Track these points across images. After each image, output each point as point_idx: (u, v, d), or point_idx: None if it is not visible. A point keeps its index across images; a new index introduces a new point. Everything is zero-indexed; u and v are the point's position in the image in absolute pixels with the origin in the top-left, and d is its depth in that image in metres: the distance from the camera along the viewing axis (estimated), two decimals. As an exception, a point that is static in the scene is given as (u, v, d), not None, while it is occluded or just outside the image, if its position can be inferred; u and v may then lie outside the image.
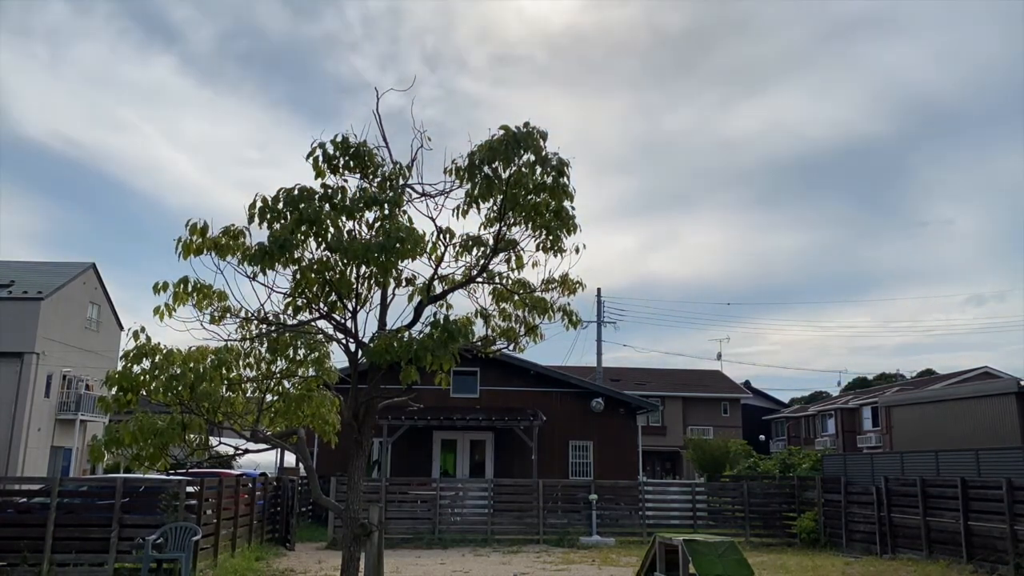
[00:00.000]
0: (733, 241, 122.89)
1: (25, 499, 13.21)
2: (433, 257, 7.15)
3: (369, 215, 6.77)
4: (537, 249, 7.14)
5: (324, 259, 6.69)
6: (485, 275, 7.36)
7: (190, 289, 6.60)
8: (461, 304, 7.50)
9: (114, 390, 6.49)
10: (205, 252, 6.53)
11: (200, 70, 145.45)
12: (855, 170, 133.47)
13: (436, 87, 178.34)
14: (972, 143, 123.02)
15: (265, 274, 6.62)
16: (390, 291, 7.24)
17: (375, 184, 6.98)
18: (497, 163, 6.71)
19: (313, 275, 6.69)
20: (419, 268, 7.27)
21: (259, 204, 6.43)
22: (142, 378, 6.49)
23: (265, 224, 6.43)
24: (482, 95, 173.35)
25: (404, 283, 7.26)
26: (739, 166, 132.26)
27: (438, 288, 7.30)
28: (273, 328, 7.07)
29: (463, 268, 7.34)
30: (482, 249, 7.16)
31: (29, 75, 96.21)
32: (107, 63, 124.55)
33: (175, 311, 6.56)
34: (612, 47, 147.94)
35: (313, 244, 6.61)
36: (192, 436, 6.84)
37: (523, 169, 6.76)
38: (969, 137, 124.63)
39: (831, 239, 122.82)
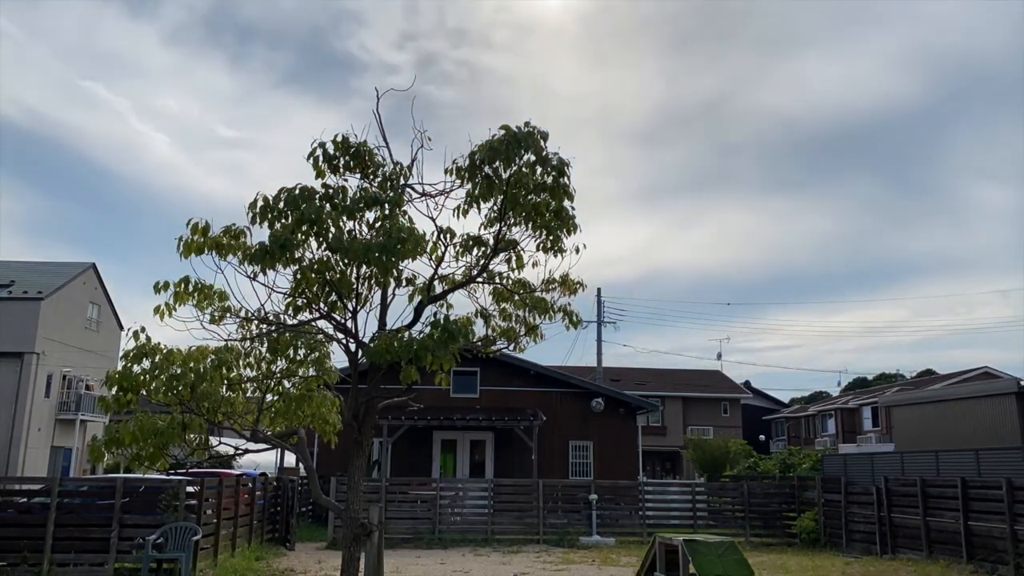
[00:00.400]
0: (751, 227, 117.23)
1: (25, 499, 13.20)
2: (433, 257, 7.15)
3: (369, 215, 6.78)
4: (537, 249, 7.15)
5: (324, 259, 6.70)
6: (485, 275, 7.36)
7: (191, 289, 6.60)
8: (461, 304, 7.51)
9: (114, 390, 6.49)
10: (206, 252, 6.53)
11: (193, 40, 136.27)
12: (885, 145, 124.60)
13: (459, 64, 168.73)
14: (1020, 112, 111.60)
15: (265, 274, 6.63)
16: (390, 291, 7.24)
17: (375, 184, 6.99)
18: (498, 163, 6.72)
19: (313, 275, 6.69)
20: (419, 268, 7.28)
21: (260, 204, 6.44)
22: (142, 378, 6.49)
23: (266, 224, 6.43)
24: (506, 70, 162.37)
25: (404, 283, 7.26)
26: (763, 141, 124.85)
27: (438, 288, 7.30)
28: (273, 328, 7.07)
29: (463, 268, 7.34)
30: (482, 249, 7.16)
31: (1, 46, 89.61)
32: (88, 33, 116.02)
33: (175, 311, 6.56)
34: (643, 15, 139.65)
35: (314, 244, 6.62)
36: (192, 436, 6.83)
37: (523, 169, 6.76)
38: (1018, 105, 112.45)
39: (855, 225, 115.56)
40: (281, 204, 6.41)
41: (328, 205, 6.55)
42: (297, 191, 6.45)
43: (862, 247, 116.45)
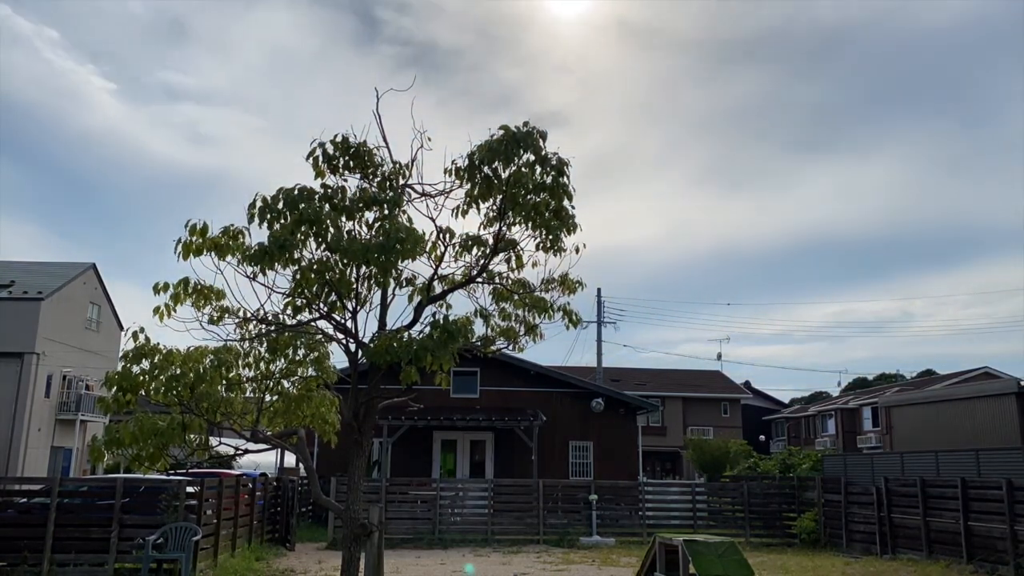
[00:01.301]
0: (785, 199, 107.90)
1: (25, 499, 13.20)
2: (433, 257, 7.16)
3: (369, 215, 6.80)
4: (537, 249, 7.16)
5: (324, 259, 6.70)
6: (485, 275, 7.37)
7: (190, 290, 6.60)
8: (461, 304, 7.52)
9: (114, 390, 6.49)
10: (205, 252, 6.53)
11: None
12: (970, 73, 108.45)
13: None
14: None
15: (265, 274, 6.63)
16: (390, 291, 7.25)
17: (375, 184, 7.00)
18: (497, 163, 6.73)
19: (313, 275, 6.69)
20: (419, 268, 7.29)
21: (259, 204, 6.44)
22: (142, 378, 6.50)
23: (265, 224, 6.43)
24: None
25: (404, 283, 7.26)
26: (818, 81, 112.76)
27: (438, 288, 7.30)
28: (273, 328, 7.07)
29: (463, 268, 7.35)
30: (482, 249, 7.17)
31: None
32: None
33: (175, 311, 6.56)
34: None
35: (313, 244, 6.62)
36: (192, 436, 6.84)
37: (523, 169, 6.77)
38: None
39: (914, 189, 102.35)
40: (280, 204, 6.41)
41: (327, 205, 6.56)
42: (296, 191, 6.46)
43: (924, 212, 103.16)
